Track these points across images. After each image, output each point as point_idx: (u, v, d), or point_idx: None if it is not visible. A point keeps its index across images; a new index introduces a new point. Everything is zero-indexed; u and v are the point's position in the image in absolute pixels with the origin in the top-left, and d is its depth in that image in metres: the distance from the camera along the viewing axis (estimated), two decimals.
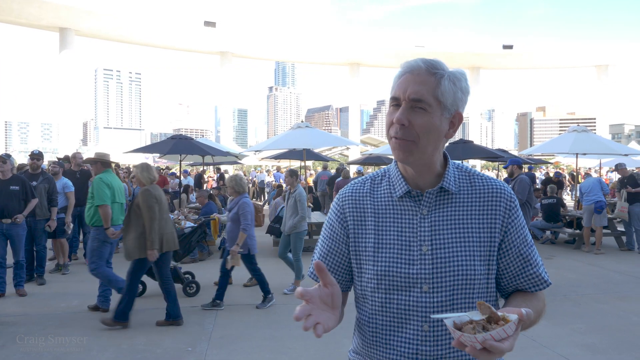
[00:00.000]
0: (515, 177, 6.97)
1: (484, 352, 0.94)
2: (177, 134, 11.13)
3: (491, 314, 0.97)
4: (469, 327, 0.95)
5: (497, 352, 0.93)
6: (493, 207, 1.22)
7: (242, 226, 5.32)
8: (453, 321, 0.97)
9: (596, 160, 17.13)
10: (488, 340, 0.92)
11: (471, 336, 0.92)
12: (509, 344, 0.94)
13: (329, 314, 1.04)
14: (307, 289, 1.02)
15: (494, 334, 0.92)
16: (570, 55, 41.16)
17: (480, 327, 0.95)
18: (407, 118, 1.15)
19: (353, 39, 39.42)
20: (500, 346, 0.92)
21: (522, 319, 0.96)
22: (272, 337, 4.59)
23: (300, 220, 6.24)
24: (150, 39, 35.55)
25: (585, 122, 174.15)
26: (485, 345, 0.92)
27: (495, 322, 0.96)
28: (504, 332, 0.93)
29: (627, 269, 7.70)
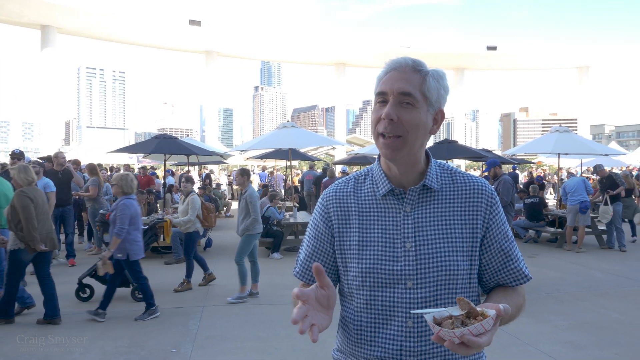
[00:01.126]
0: (499, 179, 7.00)
1: (462, 346, 0.95)
2: (161, 133, 11.03)
3: (470, 310, 0.99)
4: (448, 322, 0.97)
5: (474, 347, 0.95)
6: (475, 204, 1.24)
7: (115, 230, 4.92)
8: (433, 316, 1.00)
9: (577, 160, 17.43)
10: (466, 335, 0.94)
11: (449, 331, 0.94)
12: (487, 338, 0.96)
13: (323, 315, 1.05)
14: (303, 290, 1.02)
15: (472, 328, 0.94)
16: (553, 57, 41.80)
17: (459, 322, 0.97)
18: (395, 113, 1.16)
19: (339, 39, 39.46)
20: (477, 341, 0.94)
21: (500, 314, 0.99)
22: (257, 338, 4.57)
23: (252, 222, 5.85)
24: (134, 38, 35.16)
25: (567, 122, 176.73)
26: (463, 339, 0.94)
27: (474, 318, 0.98)
28: (482, 327, 0.95)
29: (607, 267, 7.84)
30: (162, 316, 5.18)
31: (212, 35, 35.22)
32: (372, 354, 1.24)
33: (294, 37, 37.95)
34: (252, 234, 5.87)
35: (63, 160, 8.09)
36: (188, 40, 35.90)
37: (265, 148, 12.77)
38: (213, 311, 5.39)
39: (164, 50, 40.06)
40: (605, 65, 45.74)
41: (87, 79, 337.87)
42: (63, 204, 7.81)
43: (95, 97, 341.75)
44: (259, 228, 5.96)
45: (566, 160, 17.90)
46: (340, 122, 43.16)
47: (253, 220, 5.87)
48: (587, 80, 43.24)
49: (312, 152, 27.21)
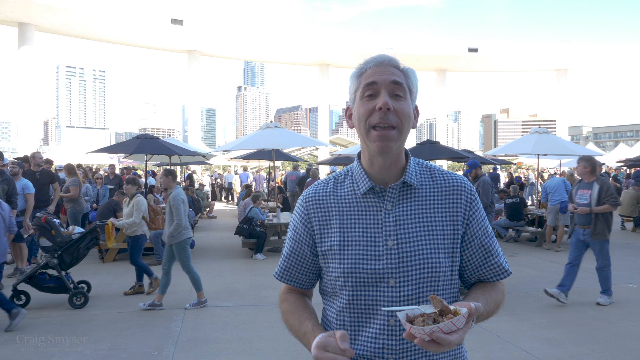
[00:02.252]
0: (478, 180, 7.09)
1: (432, 343, 0.96)
2: (143, 133, 10.90)
3: (443, 308, 1.00)
4: (419, 319, 0.98)
5: (445, 344, 0.95)
6: (455, 201, 1.25)
7: None
8: (406, 314, 1.00)
9: (556, 160, 17.74)
10: (435, 332, 0.94)
11: (419, 328, 0.95)
12: (458, 336, 0.96)
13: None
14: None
15: (442, 326, 0.95)
16: (533, 60, 42.44)
17: (430, 319, 0.98)
18: (391, 103, 1.18)
19: (322, 39, 39.39)
20: (448, 338, 0.95)
21: (471, 312, 1.00)
22: (240, 339, 4.55)
23: (176, 228, 5.38)
24: (114, 36, 34.62)
25: (546, 124, 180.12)
26: (432, 337, 0.95)
27: (446, 316, 0.98)
28: (453, 325, 0.96)
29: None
30: (144, 318, 5.13)
31: (195, 35, 34.90)
32: (354, 353, 1.22)
33: (277, 37, 37.83)
34: (180, 241, 5.46)
35: (40, 160, 7.94)
36: (170, 40, 35.50)
37: (248, 148, 12.71)
38: (196, 313, 5.35)
39: (146, 49, 39.55)
40: (583, 68, 46.65)
41: (66, 78, 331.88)
42: (41, 206, 7.66)
43: (74, 97, 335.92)
44: (186, 234, 5.49)
45: (545, 161, 18.24)
46: (323, 122, 43.17)
47: (177, 226, 5.38)
48: (565, 83, 44.04)
49: (295, 152, 27.17)
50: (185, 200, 5.60)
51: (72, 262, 5.74)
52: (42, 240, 5.57)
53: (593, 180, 5.70)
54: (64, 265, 5.62)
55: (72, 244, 5.66)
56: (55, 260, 5.49)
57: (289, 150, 20.66)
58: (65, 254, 5.60)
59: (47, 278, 5.57)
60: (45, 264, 5.51)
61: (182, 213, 5.46)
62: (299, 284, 1.36)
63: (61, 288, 5.51)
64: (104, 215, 8.41)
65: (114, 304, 5.64)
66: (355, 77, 1.25)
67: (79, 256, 5.80)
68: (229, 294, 6.20)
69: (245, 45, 37.54)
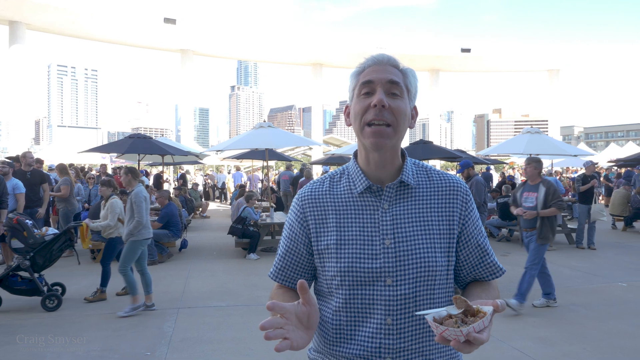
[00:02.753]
0: (471, 180, 7.15)
1: (466, 344, 0.96)
2: (135, 133, 10.84)
3: (467, 307, 1.00)
4: (451, 321, 0.97)
5: (478, 344, 0.95)
6: (451, 201, 1.26)
7: None
8: (433, 317, 1.00)
9: (548, 160, 17.85)
10: (472, 333, 0.94)
11: (456, 330, 0.94)
12: (487, 334, 0.96)
13: (302, 332, 1.01)
14: (281, 303, 0.99)
15: (475, 326, 0.95)
16: (525, 60, 42.70)
17: (459, 321, 0.97)
18: (386, 100, 1.18)
19: (315, 39, 39.38)
20: (481, 337, 0.95)
21: (497, 310, 0.99)
22: (233, 339, 4.54)
23: (137, 226, 5.21)
24: (106, 35, 34.41)
25: (538, 123, 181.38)
26: (469, 337, 0.94)
27: (472, 315, 0.98)
28: (482, 324, 0.96)
29: (576, 264, 8.07)
30: (136, 319, 5.10)
31: (188, 34, 34.77)
32: (350, 352, 1.23)
33: (270, 37, 37.77)
34: (137, 239, 5.26)
35: (31, 160, 7.87)
36: (163, 39, 35.35)
37: (241, 148, 12.67)
38: (189, 313, 5.33)
39: (138, 48, 39.36)
40: (574, 68, 47.00)
41: (58, 77, 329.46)
42: (32, 205, 7.60)
43: (66, 96, 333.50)
44: (145, 233, 5.31)
45: None
46: (317, 122, 43.19)
47: (137, 224, 5.22)
48: (557, 83, 44.36)
49: (288, 152, 27.15)
50: (147, 199, 5.45)
51: (45, 264, 5.54)
52: (14, 241, 5.39)
53: (539, 183, 5.55)
54: (36, 267, 5.44)
55: (45, 245, 5.48)
56: (27, 262, 5.35)
57: (283, 150, 20.63)
58: (37, 256, 5.42)
59: (19, 280, 5.43)
60: (17, 266, 5.35)
61: (144, 211, 5.32)
62: (293, 284, 1.35)
63: (34, 291, 5.36)
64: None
65: (106, 305, 5.61)
66: (354, 75, 1.26)
67: (52, 258, 5.60)
68: (222, 294, 6.18)
69: (238, 45, 37.46)
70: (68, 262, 7.99)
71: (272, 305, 0.97)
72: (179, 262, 8.21)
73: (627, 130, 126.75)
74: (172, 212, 8.38)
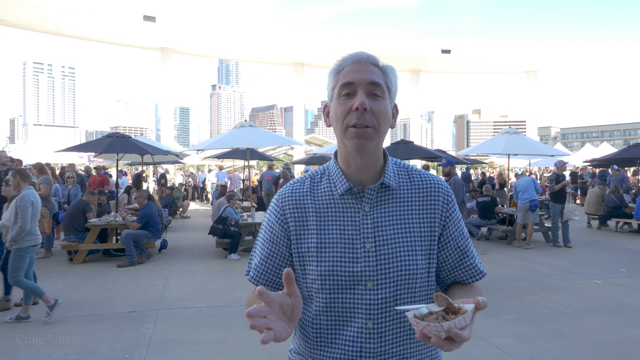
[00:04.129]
0: (450, 178, 7.28)
1: (448, 341, 0.94)
2: (114, 132, 10.67)
3: (448, 305, 0.99)
4: (432, 317, 0.96)
5: (460, 341, 0.94)
6: (432, 202, 1.25)
7: None
8: (414, 314, 0.98)
9: (526, 160, 18.17)
10: (452, 329, 0.92)
11: (437, 325, 0.93)
12: (469, 332, 0.95)
13: (284, 324, 0.98)
14: (268, 291, 0.95)
15: (457, 322, 0.93)
16: (504, 62, 43.38)
17: (440, 317, 0.96)
18: (368, 103, 1.15)
19: (297, 39, 39.31)
20: (462, 334, 0.93)
21: (478, 307, 0.98)
22: (214, 340, 4.50)
23: (19, 232, 4.82)
24: (84, 32, 33.77)
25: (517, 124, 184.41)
26: (450, 333, 0.92)
27: (453, 313, 0.97)
28: (464, 321, 0.95)
29: (553, 262, 8.23)
30: (115, 321, 5.02)
31: (168, 32, 34.36)
32: (331, 356, 1.22)
33: (252, 36, 37.56)
34: (21, 247, 4.88)
35: (5, 159, 7.67)
36: (142, 36, 34.86)
37: (222, 147, 12.59)
38: (168, 314, 5.27)
39: (117, 46, 38.74)
40: (551, 70, 47.91)
41: (33, 75, 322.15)
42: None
43: (42, 94, 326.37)
44: (30, 240, 4.94)
45: (515, 161, 18.65)
46: (298, 122, 43.14)
47: (20, 230, 4.82)
48: (535, 84, 45.18)
49: (270, 151, 27.04)
50: (35, 203, 5.04)
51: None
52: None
53: None
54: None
55: None
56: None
57: (264, 150, 20.55)
58: None
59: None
60: None
61: (29, 216, 4.90)
62: (275, 287, 1.30)
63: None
64: (73, 215, 8.21)
65: (84, 307, 5.50)
66: (333, 74, 1.22)
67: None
68: (203, 294, 6.12)
69: (219, 44, 37.18)
70: (44, 263, 7.83)
71: (263, 290, 0.93)
72: (159, 263, 8.12)
73: (602, 131, 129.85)
74: (151, 212, 8.27)
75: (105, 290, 6.30)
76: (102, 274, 7.27)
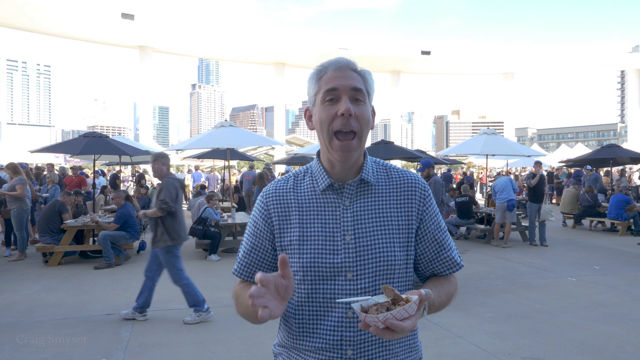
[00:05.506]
0: (430, 179, 7.33)
1: (386, 331, 0.99)
2: (91, 131, 10.47)
3: (395, 296, 1.03)
4: (373, 308, 1.01)
5: (399, 331, 0.99)
6: (409, 197, 1.30)
7: None
8: (360, 305, 1.03)
9: (503, 160, 18.47)
10: (389, 319, 0.97)
11: (374, 316, 0.98)
12: (411, 323, 1.00)
13: (277, 303, 1.05)
14: (266, 275, 1.02)
15: (395, 313, 0.98)
16: (482, 64, 44.08)
17: (384, 308, 1.00)
18: (352, 108, 1.20)
19: (278, 38, 39.19)
20: (401, 325, 0.98)
21: (422, 299, 1.03)
22: (193, 342, 4.46)
23: None
24: (60, 29, 33.08)
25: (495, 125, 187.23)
26: (387, 324, 0.97)
27: (399, 304, 1.01)
28: (405, 312, 0.99)
29: (530, 260, 8.38)
30: (92, 324, 4.93)
31: (147, 30, 33.90)
32: (313, 346, 1.26)
33: (232, 35, 37.33)
34: None
35: None
36: (120, 35, 34.33)
37: (202, 147, 12.48)
38: (147, 316, 5.19)
39: (95, 44, 38.08)
40: (528, 72, 48.91)
41: (7, 72, 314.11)
42: None
43: (17, 92, 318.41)
44: None
45: (493, 161, 18.96)
46: (279, 122, 43.08)
47: None
48: (512, 86, 46.04)
49: (251, 152, 26.92)
50: None
51: None
52: None
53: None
54: None
55: None
56: None
57: (245, 150, 20.46)
58: None
59: None
60: None
61: None
62: None
63: None
64: (48, 216, 8.03)
65: (59, 310, 5.39)
66: (315, 80, 1.26)
67: None
68: (182, 296, 6.04)
69: (199, 42, 36.86)
70: (17, 265, 7.65)
71: (262, 277, 1.01)
72: (137, 264, 7.99)
73: (577, 132, 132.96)
74: (129, 213, 8.15)
75: (82, 292, 6.19)
76: (78, 276, 7.13)
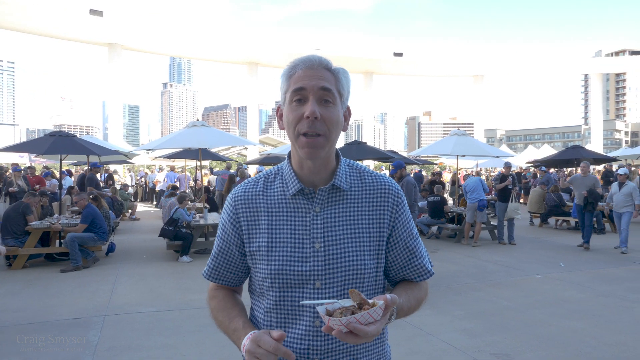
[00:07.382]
0: (403, 180, 7.42)
1: (350, 335, 0.99)
2: (57, 130, 10.18)
3: (361, 301, 1.02)
4: (338, 312, 1.00)
5: (362, 335, 0.98)
6: (382, 203, 1.27)
7: None
8: (326, 308, 1.02)
9: (474, 161, 18.83)
10: (352, 323, 0.96)
11: (337, 319, 0.97)
12: (375, 327, 0.99)
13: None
14: (281, 347, 1.05)
15: (359, 317, 0.97)
16: (453, 66, 44.88)
17: (349, 312, 1.00)
18: (318, 111, 1.15)
19: (251, 38, 39.06)
20: (364, 329, 0.98)
21: (387, 304, 1.03)
22: (165, 345, 4.38)
23: None
24: (25, 25, 32.00)
25: (465, 126, 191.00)
26: (349, 327, 0.97)
27: (364, 308, 1.01)
28: (370, 316, 0.98)
29: (499, 259, 8.58)
30: (58, 329, 4.79)
31: (116, 27, 33.16)
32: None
33: (205, 34, 36.89)
34: None
35: None
36: (89, 31, 33.46)
37: (173, 147, 12.28)
38: (116, 320, 5.08)
39: (62, 40, 37.01)
40: (497, 75, 50.07)
41: None
42: None
43: None
44: None
45: (463, 161, 19.31)
46: (252, 122, 42.79)
47: None
48: (482, 88, 47.05)
49: (224, 152, 26.66)
50: None
51: None
52: None
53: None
54: None
55: None
56: None
57: (217, 150, 20.25)
58: None
59: None
60: None
61: None
62: (227, 283, 1.36)
63: None
64: (11, 218, 7.76)
65: (24, 315, 5.22)
66: (285, 77, 1.22)
67: None
68: (153, 298, 5.95)
69: (171, 41, 36.29)
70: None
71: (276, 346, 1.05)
72: (106, 266, 7.82)
73: (543, 134, 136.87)
74: (94, 212, 7.94)
75: (48, 296, 6.00)
76: (44, 279, 6.92)
